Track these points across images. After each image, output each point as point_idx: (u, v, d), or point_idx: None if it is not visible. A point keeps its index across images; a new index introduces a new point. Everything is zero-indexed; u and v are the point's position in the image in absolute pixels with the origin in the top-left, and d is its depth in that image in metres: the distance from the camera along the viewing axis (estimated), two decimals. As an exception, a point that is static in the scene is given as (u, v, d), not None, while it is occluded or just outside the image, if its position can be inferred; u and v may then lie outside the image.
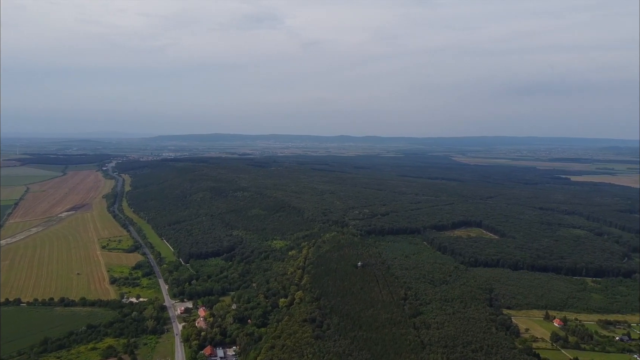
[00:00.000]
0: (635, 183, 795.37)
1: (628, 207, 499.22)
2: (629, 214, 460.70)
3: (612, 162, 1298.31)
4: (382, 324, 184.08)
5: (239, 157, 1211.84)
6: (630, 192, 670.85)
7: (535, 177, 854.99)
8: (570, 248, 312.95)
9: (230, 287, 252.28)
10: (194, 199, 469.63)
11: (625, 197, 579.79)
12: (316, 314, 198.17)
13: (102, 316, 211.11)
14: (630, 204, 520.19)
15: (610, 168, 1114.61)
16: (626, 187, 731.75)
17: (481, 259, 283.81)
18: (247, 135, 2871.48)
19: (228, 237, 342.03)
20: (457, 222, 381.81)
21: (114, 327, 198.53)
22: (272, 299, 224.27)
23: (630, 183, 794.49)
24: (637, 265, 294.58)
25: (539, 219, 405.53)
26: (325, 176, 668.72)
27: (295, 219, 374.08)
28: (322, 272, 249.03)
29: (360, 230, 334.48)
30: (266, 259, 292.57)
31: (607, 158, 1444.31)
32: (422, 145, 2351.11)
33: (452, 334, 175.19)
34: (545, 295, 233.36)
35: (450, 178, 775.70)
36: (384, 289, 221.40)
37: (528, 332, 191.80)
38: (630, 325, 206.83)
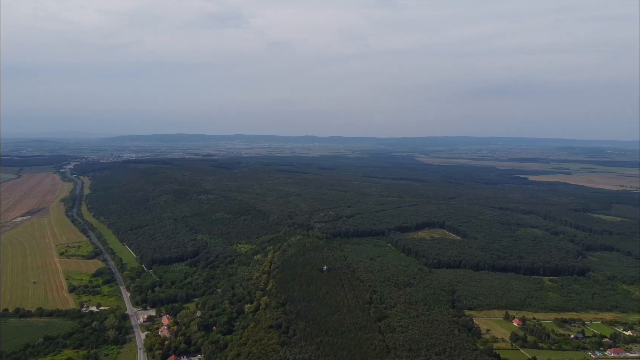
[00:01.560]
0: (589, 182, 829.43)
1: (582, 206, 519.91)
2: (583, 213, 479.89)
3: (567, 161, 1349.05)
4: (347, 329, 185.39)
5: (203, 158, 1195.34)
6: (584, 191, 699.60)
7: (495, 177, 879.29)
8: (529, 248, 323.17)
9: (195, 293, 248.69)
10: (157, 202, 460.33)
11: (579, 196, 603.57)
12: (282, 320, 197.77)
13: (61, 327, 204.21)
14: (584, 203, 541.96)
15: (566, 167, 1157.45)
16: (580, 187, 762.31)
17: (444, 260, 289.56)
18: (211, 135, 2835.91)
19: (192, 241, 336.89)
20: (421, 224, 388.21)
21: (73, 338, 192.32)
22: (238, 305, 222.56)
23: (584, 182, 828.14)
24: (590, 263, 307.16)
25: (499, 219, 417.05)
26: (291, 178, 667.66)
27: (261, 222, 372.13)
28: (288, 276, 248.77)
29: (325, 233, 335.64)
30: (231, 264, 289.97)
31: (562, 158, 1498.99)
32: (386, 145, 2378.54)
33: (416, 337, 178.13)
34: (505, 296, 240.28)
35: (414, 178, 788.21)
36: (349, 293, 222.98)
37: (489, 332, 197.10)
38: (584, 323, 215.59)
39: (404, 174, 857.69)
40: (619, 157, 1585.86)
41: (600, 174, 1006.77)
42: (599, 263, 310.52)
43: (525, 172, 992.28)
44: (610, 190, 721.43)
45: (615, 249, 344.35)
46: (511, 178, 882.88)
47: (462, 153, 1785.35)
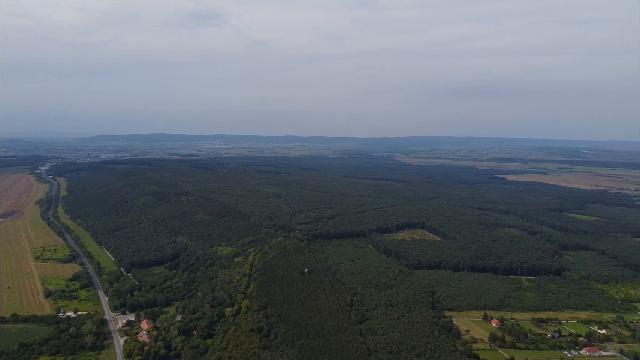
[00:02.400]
0: (565, 182, 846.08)
1: (558, 205, 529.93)
2: (559, 213, 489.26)
3: (544, 161, 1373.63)
4: (329, 332, 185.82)
5: (183, 159, 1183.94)
6: (560, 190, 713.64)
7: (474, 177, 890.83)
8: (507, 248, 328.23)
9: (175, 297, 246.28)
10: (136, 204, 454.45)
11: (555, 196, 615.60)
12: (263, 323, 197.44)
13: (36, 333, 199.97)
14: (560, 202, 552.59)
15: (542, 167, 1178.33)
16: (556, 186, 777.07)
17: (424, 261, 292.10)
18: (191, 135, 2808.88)
19: (172, 244, 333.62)
20: (401, 224, 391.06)
21: (50, 344, 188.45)
22: (218, 309, 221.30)
23: (560, 182, 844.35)
24: (566, 263, 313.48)
25: (478, 219, 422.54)
26: (271, 178, 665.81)
27: (241, 224, 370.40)
28: (269, 279, 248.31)
29: (306, 235, 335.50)
30: (212, 267, 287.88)
31: (539, 158, 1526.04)
32: (366, 145, 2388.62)
33: (397, 339, 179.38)
34: (484, 296, 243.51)
35: (394, 179, 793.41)
36: (330, 295, 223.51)
37: (468, 333, 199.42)
38: (560, 322, 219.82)
39: (384, 174, 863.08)
40: (593, 156, 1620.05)
41: (576, 174, 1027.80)
42: (574, 262, 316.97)
43: (503, 172, 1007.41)
44: (585, 190, 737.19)
45: (590, 248, 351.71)
46: (490, 178, 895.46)
47: (441, 153, 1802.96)
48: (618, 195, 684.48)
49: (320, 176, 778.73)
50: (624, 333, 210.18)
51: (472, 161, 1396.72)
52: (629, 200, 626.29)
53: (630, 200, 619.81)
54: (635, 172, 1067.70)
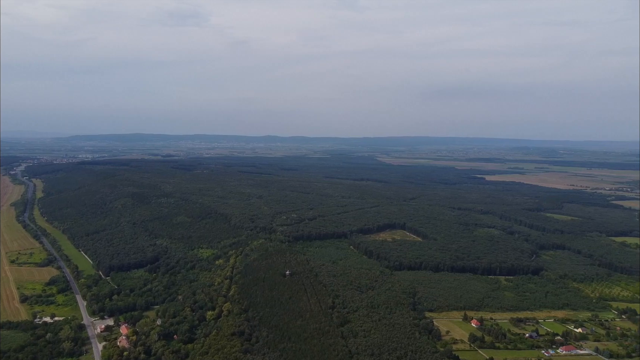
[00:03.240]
0: (542, 182, 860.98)
1: (535, 205, 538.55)
2: (536, 212, 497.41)
3: (522, 161, 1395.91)
4: (310, 335, 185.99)
5: (163, 159, 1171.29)
6: (538, 190, 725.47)
7: (454, 177, 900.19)
8: (486, 248, 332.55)
9: (155, 300, 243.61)
10: (115, 206, 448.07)
11: (533, 196, 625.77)
12: (244, 327, 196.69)
13: (12, 339, 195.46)
14: (537, 202, 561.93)
15: (521, 167, 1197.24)
16: (534, 186, 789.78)
17: (405, 262, 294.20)
18: (171, 135, 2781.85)
19: (152, 246, 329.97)
20: (383, 225, 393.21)
21: (26, 351, 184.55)
22: (199, 312, 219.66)
23: (538, 182, 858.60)
24: (544, 262, 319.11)
25: (457, 219, 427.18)
26: (252, 179, 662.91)
27: (222, 226, 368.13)
28: (250, 281, 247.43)
29: (288, 237, 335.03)
30: (192, 269, 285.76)
31: (517, 158, 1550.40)
32: (348, 145, 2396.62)
33: (378, 341, 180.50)
34: (463, 296, 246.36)
35: (375, 179, 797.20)
36: (312, 298, 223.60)
37: (449, 334, 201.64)
38: (538, 322, 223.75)
39: (365, 175, 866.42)
40: (570, 156, 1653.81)
41: (553, 174, 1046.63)
42: (551, 262, 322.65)
43: (482, 172, 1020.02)
44: (561, 190, 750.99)
45: (566, 248, 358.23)
46: (469, 178, 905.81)
47: (422, 153, 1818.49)
48: (593, 194, 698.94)
49: (302, 177, 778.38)
50: (599, 331, 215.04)
51: (452, 161, 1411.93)
52: (603, 199, 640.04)
53: (604, 200, 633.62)
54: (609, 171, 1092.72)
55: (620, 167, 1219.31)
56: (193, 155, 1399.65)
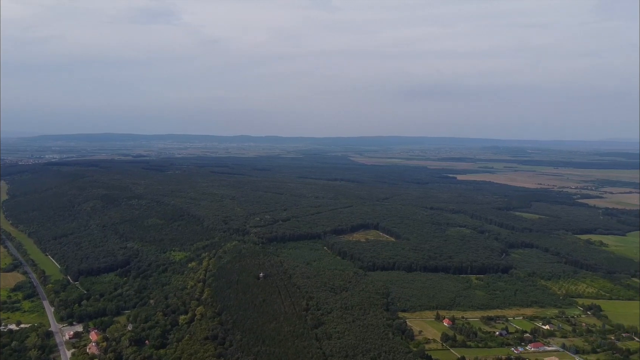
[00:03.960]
0: (511, 181, 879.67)
1: (505, 204, 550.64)
2: (506, 211, 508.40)
3: (492, 160, 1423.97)
4: (284, 337, 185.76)
5: (134, 160, 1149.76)
6: (507, 189, 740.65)
7: (426, 177, 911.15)
8: (458, 247, 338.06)
9: (126, 305, 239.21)
10: (84, 208, 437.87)
11: (502, 195, 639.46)
12: (218, 331, 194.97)
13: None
14: (506, 201, 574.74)
15: (491, 167, 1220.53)
16: (503, 185, 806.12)
17: (378, 262, 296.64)
18: (142, 135, 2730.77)
19: (122, 249, 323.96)
20: (356, 225, 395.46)
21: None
22: (172, 317, 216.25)
23: (507, 181, 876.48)
24: (513, 260, 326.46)
25: (430, 219, 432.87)
26: (225, 180, 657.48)
27: (195, 228, 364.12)
28: (224, 284, 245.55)
29: (261, 238, 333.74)
30: (164, 273, 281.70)
31: (487, 157, 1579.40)
32: (321, 145, 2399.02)
33: (352, 343, 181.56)
34: (436, 296, 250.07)
35: (349, 179, 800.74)
36: (286, 300, 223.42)
37: (421, 334, 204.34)
38: (507, 320, 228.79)
39: (339, 175, 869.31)
40: (537, 156, 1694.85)
41: (521, 173, 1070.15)
42: (520, 260, 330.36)
43: (454, 172, 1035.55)
44: (530, 189, 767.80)
45: (534, 246, 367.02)
46: (441, 177, 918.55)
47: (395, 153, 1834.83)
48: (560, 193, 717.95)
49: (275, 177, 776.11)
50: (565, 328, 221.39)
51: (424, 161, 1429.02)
52: (569, 198, 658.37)
53: (570, 198, 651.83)
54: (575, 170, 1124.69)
55: (585, 166, 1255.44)
56: (165, 156, 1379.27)
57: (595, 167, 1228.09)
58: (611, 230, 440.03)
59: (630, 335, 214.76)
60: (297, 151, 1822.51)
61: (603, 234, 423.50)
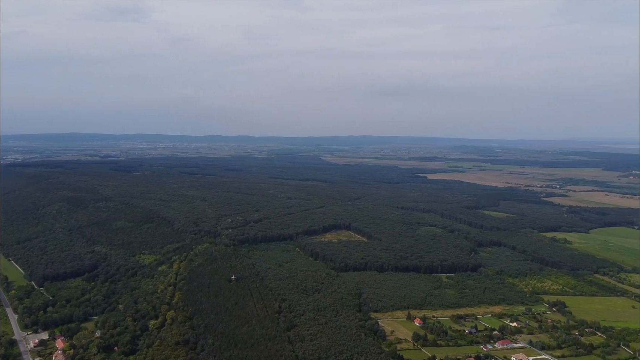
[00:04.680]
0: (480, 180, 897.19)
1: (474, 203, 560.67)
2: (475, 210, 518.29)
3: (461, 160, 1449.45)
4: (257, 341, 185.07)
5: (101, 160, 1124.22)
6: (476, 188, 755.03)
7: (397, 176, 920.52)
8: (428, 247, 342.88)
9: (94, 311, 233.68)
10: (49, 211, 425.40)
11: (472, 194, 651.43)
12: (189, 335, 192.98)
13: None
14: (475, 200, 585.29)
15: (460, 166, 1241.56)
16: (472, 184, 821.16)
17: (350, 263, 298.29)
18: (109, 134, 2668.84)
19: (90, 253, 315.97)
20: (328, 226, 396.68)
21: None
22: (142, 322, 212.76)
23: (476, 180, 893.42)
24: (482, 259, 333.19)
25: (401, 218, 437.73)
26: (196, 181, 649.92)
27: (165, 230, 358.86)
28: (195, 288, 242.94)
29: (233, 240, 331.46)
30: (134, 277, 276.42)
31: (457, 157, 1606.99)
32: (293, 145, 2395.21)
33: (325, 345, 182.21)
34: (407, 296, 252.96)
35: (320, 179, 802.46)
36: (258, 303, 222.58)
37: (393, 334, 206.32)
38: (477, 318, 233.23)
39: (311, 175, 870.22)
40: (505, 155, 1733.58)
41: (489, 172, 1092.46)
42: (489, 258, 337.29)
43: (424, 171, 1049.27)
44: (497, 187, 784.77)
45: (502, 244, 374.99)
46: (412, 177, 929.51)
47: (366, 152, 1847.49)
48: (526, 192, 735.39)
49: (247, 177, 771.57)
50: (532, 325, 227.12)
51: (395, 160, 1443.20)
52: (535, 196, 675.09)
53: (536, 197, 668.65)
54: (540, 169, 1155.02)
55: (550, 165, 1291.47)
56: (133, 156, 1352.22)
57: (560, 166, 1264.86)
58: (575, 228, 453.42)
59: (593, 330, 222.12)
60: (268, 151, 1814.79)
61: (567, 231, 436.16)
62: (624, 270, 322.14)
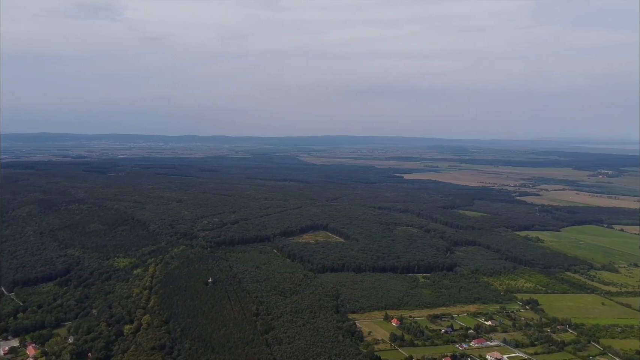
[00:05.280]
0: (455, 179, 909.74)
1: (450, 203, 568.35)
2: (451, 210, 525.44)
3: (437, 160, 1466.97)
4: (234, 344, 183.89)
5: (74, 161, 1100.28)
6: (451, 188, 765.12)
7: (374, 177, 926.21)
8: (405, 247, 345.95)
9: (67, 317, 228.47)
10: (18, 214, 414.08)
11: (447, 194, 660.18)
12: (165, 340, 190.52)
13: None
14: (451, 199, 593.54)
15: (436, 166, 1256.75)
16: (448, 184, 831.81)
17: (328, 264, 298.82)
18: (82, 134, 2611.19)
19: (62, 257, 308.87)
20: (305, 227, 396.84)
21: None
22: (116, 327, 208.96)
23: (451, 179, 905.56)
24: (457, 258, 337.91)
25: (378, 219, 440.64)
26: (172, 182, 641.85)
27: (140, 233, 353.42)
28: (171, 291, 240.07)
29: (210, 242, 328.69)
30: (108, 281, 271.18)
31: (433, 156, 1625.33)
32: (270, 144, 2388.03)
33: (302, 347, 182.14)
34: (384, 296, 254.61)
35: (298, 179, 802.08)
36: (235, 306, 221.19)
37: (371, 335, 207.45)
38: (453, 317, 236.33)
39: (288, 175, 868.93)
40: (479, 155, 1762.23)
41: (465, 172, 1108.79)
42: (464, 258, 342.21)
43: (400, 171, 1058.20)
44: (472, 187, 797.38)
45: (477, 244, 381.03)
46: (388, 177, 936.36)
47: (343, 152, 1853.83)
48: (500, 191, 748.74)
49: (223, 178, 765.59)
50: (506, 323, 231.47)
51: (372, 160, 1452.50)
52: (509, 196, 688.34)
53: (510, 196, 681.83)
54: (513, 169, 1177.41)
55: (523, 164, 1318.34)
56: (107, 157, 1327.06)
57: (532, 165, 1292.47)
58: (547, 227, 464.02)
59: (565, 327, 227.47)
60: (245, 151, 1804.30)
61: (540, 230, 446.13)
62: (594, 268, 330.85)
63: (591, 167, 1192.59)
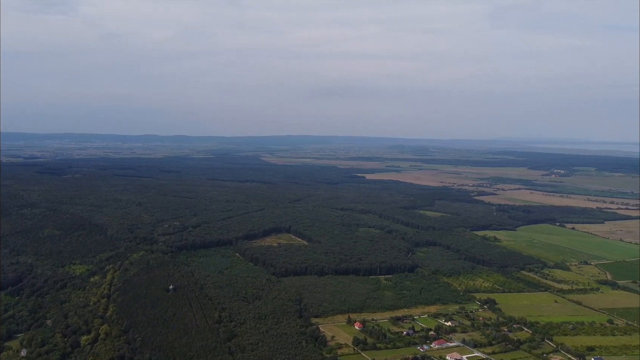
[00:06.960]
0: (416, 179, 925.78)
1: (411, 203, 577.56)
2: (412, 210, 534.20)
3: (398, 159, 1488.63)
4: (197, 353, 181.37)
5: (25, 162, 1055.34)
6: (412, 188, 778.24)
7: (336, 177, 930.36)
8: (367, 249, 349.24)
9: (19, 328, 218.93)
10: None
11: (408, 194, 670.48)
12: (125, 350, 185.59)
13: None
14: (412, 200, 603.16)
15: (397, 165, 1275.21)
16: (409, 184, 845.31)
17: (291, 267, 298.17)
18: (34, 134, 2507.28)
19: (13, 265, 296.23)
20: (268, 229, 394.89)
21: None
22: (72, 338, 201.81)
23: (412, 179, 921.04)
24: (419, 259, 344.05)
25: (340, 220, 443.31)
26: (130, 184, 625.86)
27: (98, 238, 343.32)
28: (130, 299, 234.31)
29: (170, 247, 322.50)
30: (63, 289, 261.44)
31: (394, 156, 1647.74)
32: (231, 144, 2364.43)
33: (266, 354, 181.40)
34: (347, 299, 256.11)
35: (260, 180, 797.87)
36: (197, 313, 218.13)
37: (334, 339, 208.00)
38: (414, 319, 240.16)
39: (250, 176, 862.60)
40: (439, 154, 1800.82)
41: (425, 171, 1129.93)
42: (425, 258, 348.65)
43: (362, 171, 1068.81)
44: (432, 187, 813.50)
45: (437, 244, 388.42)
46: (351, 177, 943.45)
47: (306, 152, 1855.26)
48: (460, 191, 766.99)
49: (184, 179, 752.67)
50: (465, 323, 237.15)
51: (334, 160, 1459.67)
52: (468, 195, 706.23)
53: (469, 196, 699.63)
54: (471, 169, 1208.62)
55: (480, 164, 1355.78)
56: (62, 157, 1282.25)
57: (489, 165, 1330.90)
58: (503, 226, 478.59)
59: (520, 326, 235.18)
60: (206, 151, 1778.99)
61: (497, 229, 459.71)
62: (547, 266, 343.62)
63: (545, 166, 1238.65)
